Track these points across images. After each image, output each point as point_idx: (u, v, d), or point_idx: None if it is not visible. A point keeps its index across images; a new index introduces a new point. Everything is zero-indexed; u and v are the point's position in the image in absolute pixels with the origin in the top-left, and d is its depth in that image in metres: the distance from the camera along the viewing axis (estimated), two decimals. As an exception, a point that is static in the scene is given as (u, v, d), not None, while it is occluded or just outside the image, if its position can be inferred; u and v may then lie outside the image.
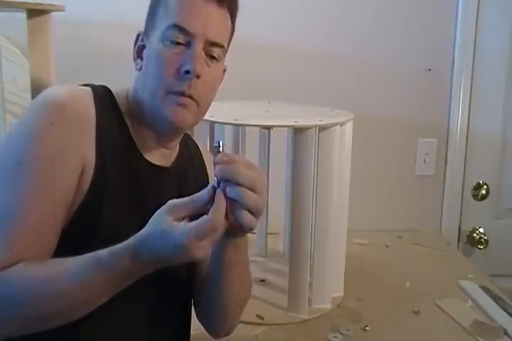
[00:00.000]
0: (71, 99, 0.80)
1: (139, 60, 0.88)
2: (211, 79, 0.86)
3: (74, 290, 0.71)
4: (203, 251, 0.70)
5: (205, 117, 1.24)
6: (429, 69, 1.84)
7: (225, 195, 0.71)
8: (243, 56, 1.74)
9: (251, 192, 0.71)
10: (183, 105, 0.83)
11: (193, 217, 0.71)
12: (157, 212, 0.72)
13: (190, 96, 0.83)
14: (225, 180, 0.71)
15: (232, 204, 0.71)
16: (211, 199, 0.71)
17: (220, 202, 0.71)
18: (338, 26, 1.81)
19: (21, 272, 0.72)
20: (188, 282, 0.97)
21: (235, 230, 0.75)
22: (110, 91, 0.89)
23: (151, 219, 0.72)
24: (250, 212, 0.72)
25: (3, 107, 1.41)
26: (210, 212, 0.70)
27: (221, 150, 0.73)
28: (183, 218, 0.71)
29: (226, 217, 0.71)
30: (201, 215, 0.70)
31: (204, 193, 0.72)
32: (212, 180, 0.73)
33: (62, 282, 0.71)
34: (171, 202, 0.72)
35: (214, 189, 0.72)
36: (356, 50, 1.82)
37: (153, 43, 0.85)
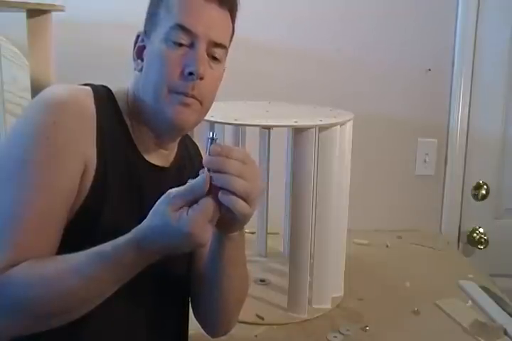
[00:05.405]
0: (72, 97, 0.80)
1: (139, 61, 0.88)
2: (213, 80, 0.86)
3: (81, 286, 0.72)
4: (208, 234, 0.71)
5: (205, 117, 1.25)
6: (429, 69, 1.84)
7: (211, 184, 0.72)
8: (244, 56, 1.74)
9: (238, 179, 0.71)
10: (186, 104, 0.83)
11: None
12: (157, 204, 0.72)
13: (193, 97, 0.83)
14: (214, 170, 0.72)
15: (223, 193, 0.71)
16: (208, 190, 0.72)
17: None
18: (337, 26, 1.81)
19: (27, 271, 0.72)
20: (187, 282, 0.97)
21: (231, 220, 0.74)
22: (110, 91, 0.89)
23: (151, 211, 0.72)
24: (242, 198, 0.72)
25: (3, 107, 1.41)
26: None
27: (214, 141, 0.73)
28: (181, 207, 0.71)
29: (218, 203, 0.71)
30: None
31: (201, 184, 0.71)
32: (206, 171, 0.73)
33: (69, 279, 0.71)
34: (171, 193, 0.71)
35: (211, 179, 0.72)
36: (356, 50, 1.82)
37: (155, 44, 0.84)
